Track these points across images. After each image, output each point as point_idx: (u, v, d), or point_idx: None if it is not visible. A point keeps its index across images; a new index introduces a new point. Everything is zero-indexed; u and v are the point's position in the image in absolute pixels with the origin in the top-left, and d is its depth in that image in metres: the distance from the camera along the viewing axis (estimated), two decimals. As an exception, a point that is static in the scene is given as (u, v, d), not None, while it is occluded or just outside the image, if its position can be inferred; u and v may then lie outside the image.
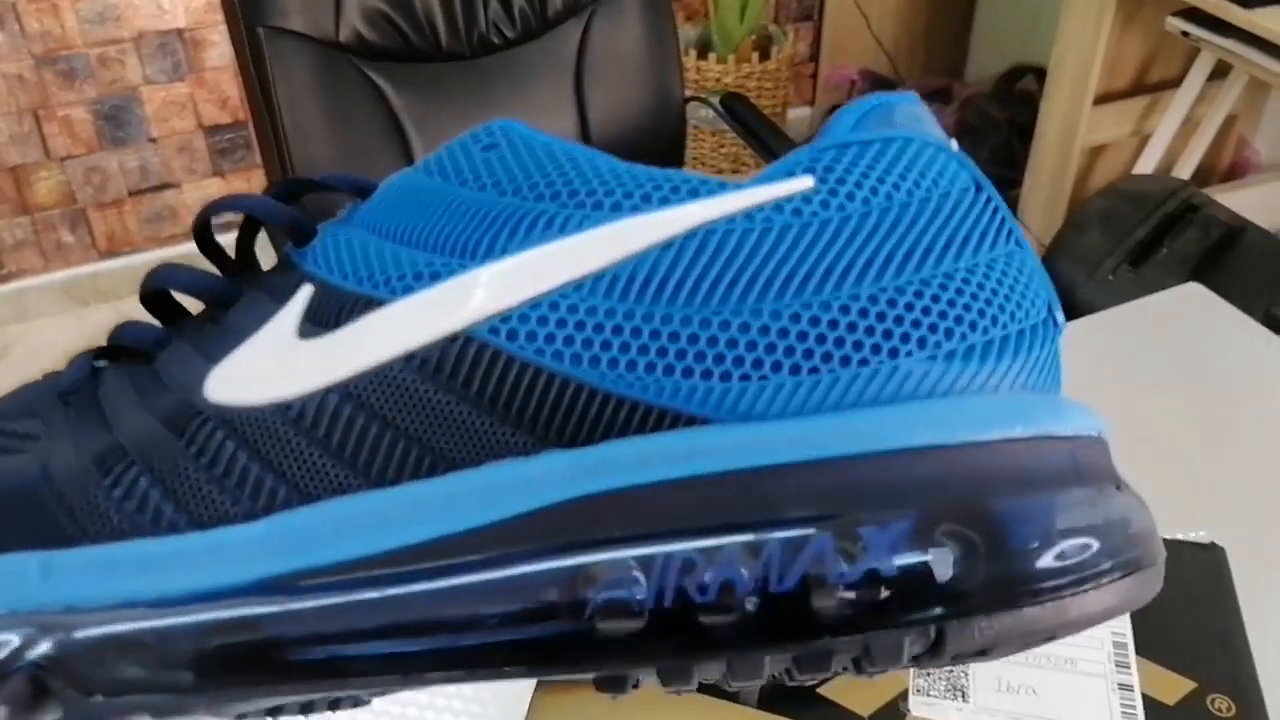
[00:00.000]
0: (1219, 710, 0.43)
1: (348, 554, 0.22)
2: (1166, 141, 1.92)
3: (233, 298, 0.26)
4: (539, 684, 0.44)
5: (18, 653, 0.21)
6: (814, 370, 0.22)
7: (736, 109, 1.36)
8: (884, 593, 0.21)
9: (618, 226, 0.22)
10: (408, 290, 0.23)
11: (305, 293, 0.25)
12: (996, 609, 0.21)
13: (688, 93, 1.35)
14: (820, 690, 0.43)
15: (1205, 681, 0.44)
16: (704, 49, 2.33)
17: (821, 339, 0.22)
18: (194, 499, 0.23)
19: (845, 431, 0.21)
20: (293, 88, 1.09)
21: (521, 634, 0.22)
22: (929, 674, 0.43)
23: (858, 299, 0.22)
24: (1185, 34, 1.73)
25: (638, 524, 0.21)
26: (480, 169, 0.24)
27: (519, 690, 0.48)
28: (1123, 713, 0.43)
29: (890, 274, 0.22)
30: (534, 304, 0.22)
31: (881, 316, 0.22)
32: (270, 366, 0.24)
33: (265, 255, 0.26)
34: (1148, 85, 2.02)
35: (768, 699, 0.43)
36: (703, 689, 0.44)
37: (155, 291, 0.27)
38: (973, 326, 0.22)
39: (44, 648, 0.21)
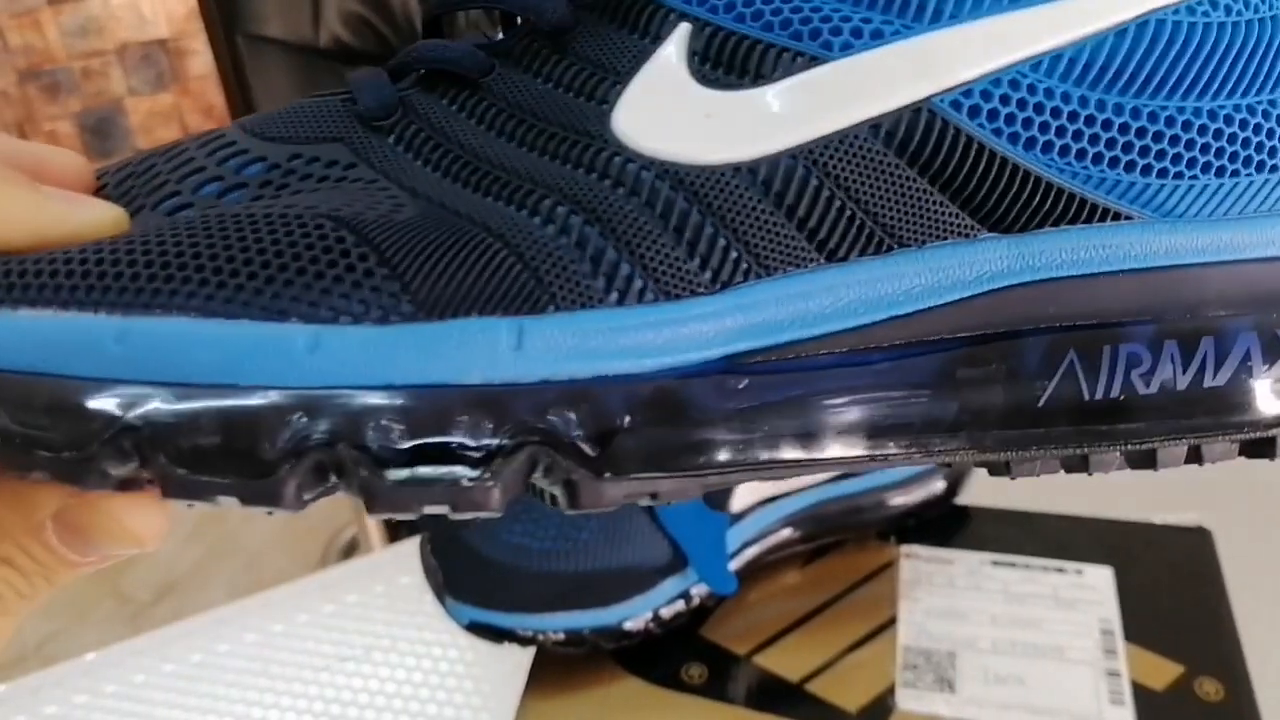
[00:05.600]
0: (1207, 694, 0.43)
1: (807, 333, 0.22)
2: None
3: (569, 23, 0.23)
4: (526, 690, 0.44)
5: (504, 430, 0.20)
6: (1234, 173, 0.23)
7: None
8: None
9: (1072, 4, 0.22)
10: (849, 49, 0.22)
11: (682, 30, 0.22)
12: None
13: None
14: (807, 687, 0.43)
15: (1193, 665, 0.44)
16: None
17: (1246, 142, 0.22)
18: (657, 261, 0.21)
19: (1264, 237, 0.23)
20: (274, 95, 1.09)
21: (969, 411, 0.22)
22: (916, 667, 0.43)
23: (1276, 104, 0.23)
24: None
25: (1076, 313, 0.22)
26: None
27: (507, 696, 0.47)
28: (1110, 699, 0.42)
29: None
30: (994, 80, 0.22)
31: None
32: (690, 118, 0.22)
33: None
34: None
35: (755, 697, 0.43)
36: (686, 688, 0.44)
37: (435, 19, 0.25)
38: None
39: (529, 423, 0.20)
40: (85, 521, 0.20)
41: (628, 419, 0.20)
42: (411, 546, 0.48)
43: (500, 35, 0.24)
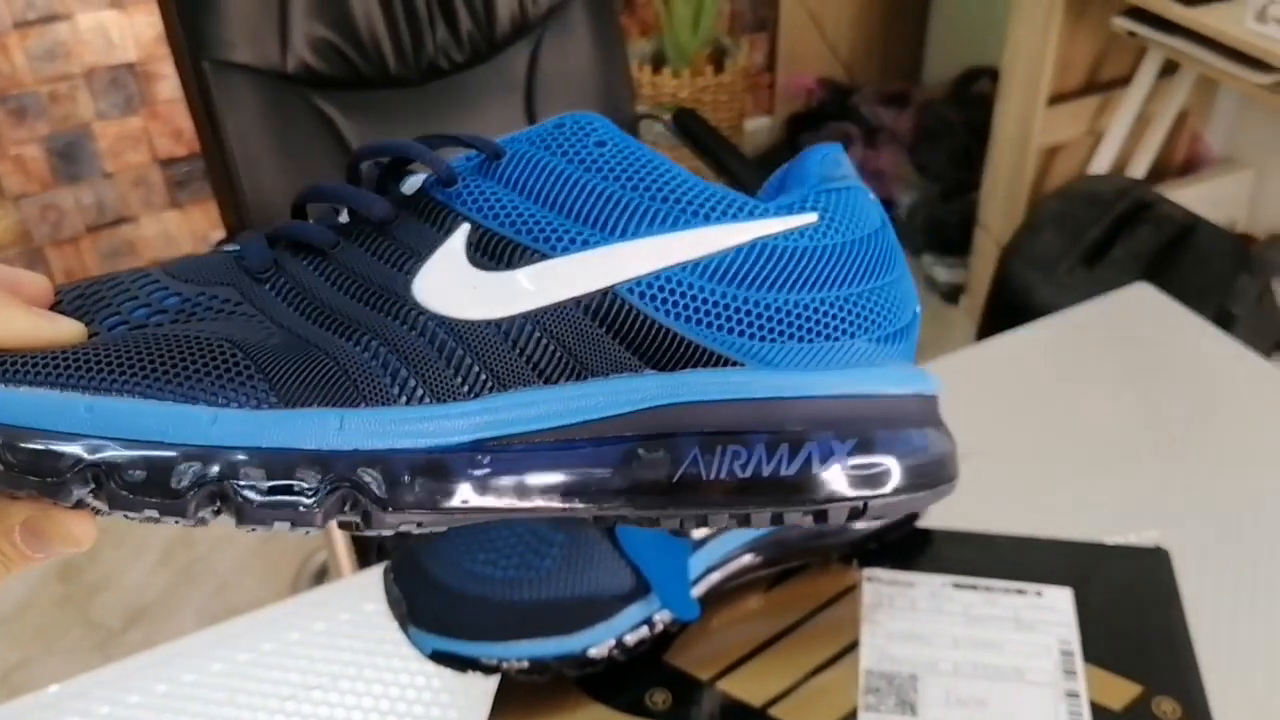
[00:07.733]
0: (1165, 713, 0.43)
1: (527, 428, 0.32)
2: (1120, 139, 1.92)
3: (390, 217, 0.34)
4: (491, 718, 0.44)
5: (328, 478, 0.30)
6: (810, 340, 0.35)
7: (688, 124, 1.35)
8: (843, 480, 0.33)
9: (710, 230, 0.34)
10: (566, 250, 0.33)
11: (464, 228, 0.34)
12: (907, 492, 0.34)
13: (641, 109, 1.35)
14: (771, 712, 0.43)
15: (1151, 685, 0.44)
16: (659, 64, 2.32)
17: (816, 322, 0.35)
18: (432, 378, 0.32)
19: (826, 381, 0.34)
20: (241, 121, 1.09)
21: (629, 483, 0.33)
22: (878, 691, 0.44)
23: (837, 299, 0.35)
24: (1132, 34, 1.74)
25: (701, 424, 0.33)
26: (597, 158, 0.35)
27: (477, 714, 0.47)
28: (1070, 720, 0.43)
29: (852, 284, 0.35)
30: (655, 276, 0.34)
31: (848, 311, 0.35)
32: (462, 289, 0.33)
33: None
34: (1100, 84, 2.01)
35: (718, 723, 0.43)
36: (650, 714, 0.44)
37: (297, 205, 0.36)
38: (890, 320, 0.36)
39: (343, 475, 0.30)
40: (43, 528, 0.29)
41: (407, 477, 0.31)
42: (377, 574, 0.48)
43: (347, 218, 0.35)
